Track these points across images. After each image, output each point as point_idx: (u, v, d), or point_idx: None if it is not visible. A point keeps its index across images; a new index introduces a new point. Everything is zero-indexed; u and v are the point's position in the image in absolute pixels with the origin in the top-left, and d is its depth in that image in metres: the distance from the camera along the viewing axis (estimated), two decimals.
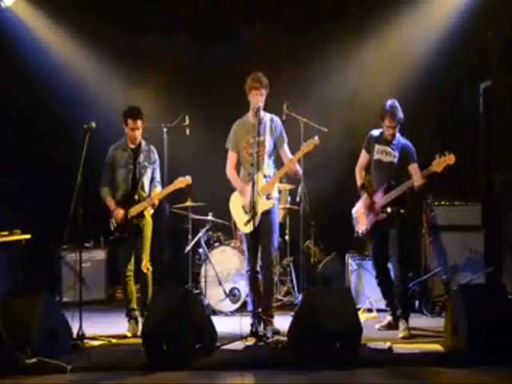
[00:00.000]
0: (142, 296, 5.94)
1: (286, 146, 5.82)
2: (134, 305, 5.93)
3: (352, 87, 7.78)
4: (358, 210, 5.99)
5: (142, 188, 5.91)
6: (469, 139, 7.58)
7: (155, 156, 6.02)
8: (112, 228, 5.85)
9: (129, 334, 5.73)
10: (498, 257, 6.87)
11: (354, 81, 7.78)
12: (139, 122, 5.85)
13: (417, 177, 5.52)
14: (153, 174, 6.00)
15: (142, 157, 5.92)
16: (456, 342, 4.90)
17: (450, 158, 5.32)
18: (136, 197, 5.85)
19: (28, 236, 6.82)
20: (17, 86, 7.61)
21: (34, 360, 4.66)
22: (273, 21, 7.87)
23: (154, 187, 5.97)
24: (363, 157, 5.98)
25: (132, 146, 5.93)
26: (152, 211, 5.94)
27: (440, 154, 5.36)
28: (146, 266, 5.82)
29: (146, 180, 5.94)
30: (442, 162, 5.34)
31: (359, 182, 5.98)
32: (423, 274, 6.78)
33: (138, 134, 5.89)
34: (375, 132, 5.89)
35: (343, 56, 7.73)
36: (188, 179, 5.79)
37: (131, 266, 5.90)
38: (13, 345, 4.65)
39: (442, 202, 7.01)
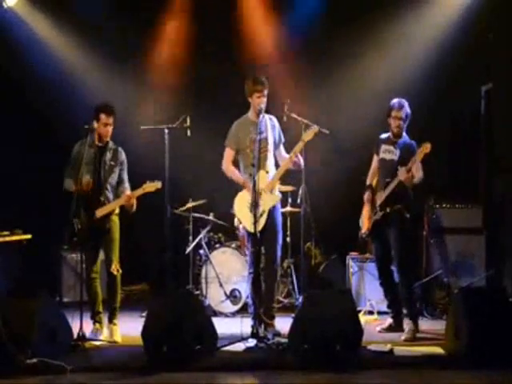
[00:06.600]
0: (109, 299, 5.78)
1: (282, 147, 5.87)
2: (100, 307, 5.80)
3: (353, 88, 7.77)
4: (363, 213, 6.01)
5: (108, 189, 5.68)
6: (470, 142, 7.58)
7: (122, 157, 5.79)
8: (76, 229, 5.55)
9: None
10: (498, 259, 6.86)
11: (355, 82, 7.77)
12: (112, 119, 5.69)
13: (401, 171, 5.56)
14: (120, 176, 5.77)
15: (108, 155, 5.71)
16: (457, 344, 4.89)
17: (425, 147, 5.45)
18: (102, 198, 5.64)
19: (29, 236, 6.81)
20: (18, 85, 7.62)
21: (34, 360, 4.65)
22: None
23: (123, 190, 5.72)
24: (374, 161, 6.03)
25: (99, 144, 5.72)
26: (118, 211, 5.72)
27: (420, 145, 5.50)
28: (116, 267, 5.68)
29: (112, 181, 5.72)
30: (421, 152, 5.46)
31: (367, 183, 6.02)
32: (424, 277, 6.77)
33: (110, 130, 5.71)
34: (383, 135, 5.96)
35: (344, 59, 7.73)
36: (157, 184, 5.60)
37: (96, 268, 5.76)
38: (13, 345, 4.64)
39: (443, 205, 7.01)
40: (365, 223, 5.98)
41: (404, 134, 5.83)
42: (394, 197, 5.69)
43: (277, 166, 5.81)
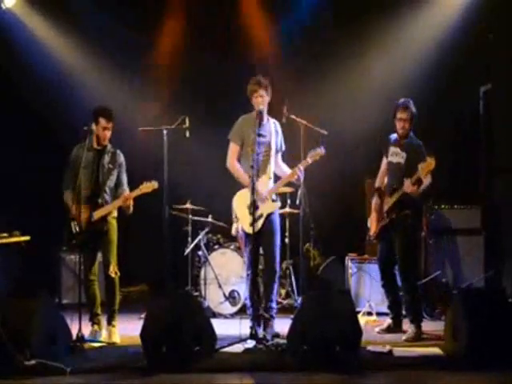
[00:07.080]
0: (108, 302, 5.77)
1: (280, 155, 5.85)
2: (98, 309, 5.80)
3: (353, 88, 7.76)
4: (371, 215, 6.02)
5: (106, 192, 5.70)
6: (469, 143, 7.58)
7: (121, 159, 5.81)
8: (74, 232, 5.56)
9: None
10: (498, 260, 6.85)
11: (355, 82, 7.77)
12: (111, 124, 5.72)
13: (406, 184, 5.52)
14: (118, 178, 5.78)
15: (106, 158, 5.73)
16: (456, 345, 4.89)
17: (429, 164, 5.32)
18: (99, 200, 5.64)
19: (27, 238, 6.80)
20: (18, 85, 7.61)
21: (33, 362, 4.64)
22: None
23: (122, 192, 5.73)
24: (383, 164, 6.01)
25: (97, 147, 5.74)
26: (116, 214, 5.75)
27: (425, 159, 5.36)
28: (114, 270, 5.67)
29: (111, 183, 5.74)
30: (424, 169, 5.34)
31: (376, 186, 6.02)
32: (423, 278, 6.76)
33: (108, 134, 5.73)
34: (392, 136, 5.92)
35: (344, 59, 7.73)
36: (154, 184, 5.61)
37: (94, 271, 5.76)
38: (12, 346, 4.63)
39: (442, 206, 7.01)
40: (372, 226, 5.98)
41: (411, 133, 5.80)
42: (400, 204, 5.68)
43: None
